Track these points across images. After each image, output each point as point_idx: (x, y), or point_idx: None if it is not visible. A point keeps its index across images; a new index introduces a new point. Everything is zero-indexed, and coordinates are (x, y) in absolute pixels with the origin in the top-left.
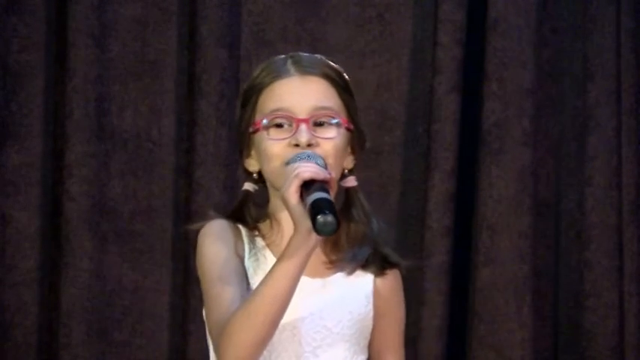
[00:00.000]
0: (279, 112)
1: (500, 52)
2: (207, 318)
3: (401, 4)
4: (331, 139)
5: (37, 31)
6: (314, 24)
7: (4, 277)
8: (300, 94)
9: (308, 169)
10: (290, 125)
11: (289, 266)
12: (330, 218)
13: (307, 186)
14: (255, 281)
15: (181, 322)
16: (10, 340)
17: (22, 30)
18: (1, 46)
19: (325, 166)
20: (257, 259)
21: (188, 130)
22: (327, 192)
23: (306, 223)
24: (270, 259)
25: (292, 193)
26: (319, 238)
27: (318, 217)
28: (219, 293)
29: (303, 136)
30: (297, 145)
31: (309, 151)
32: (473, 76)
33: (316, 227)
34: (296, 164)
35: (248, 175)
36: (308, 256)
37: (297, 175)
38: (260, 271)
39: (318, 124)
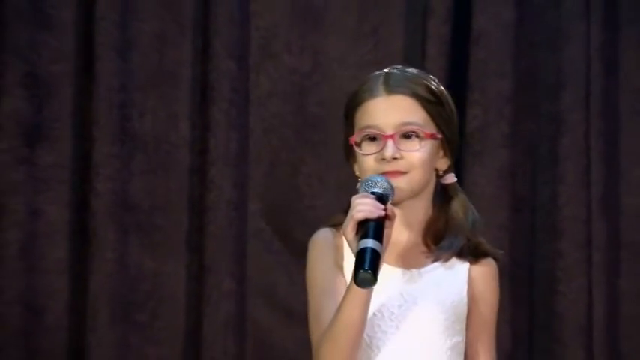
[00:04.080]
0: (369, 130)
1: (481, 64)
2: (310, 325)
3: (393, 20)
4: (415, 152)
5: (66, 45)
6: (315, 38)
7: (37, 265)
8: (386, 112)
9: (362, 211)
10: (380, 140)
11: (358, 296)
12: (368, 276)
13: (362, 223)
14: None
15: (196, 306)
16: (43, 322)
17: (53, 44)
18: (35, 58)
19: (391, 190)
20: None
21: (201, 134)
22: (380, 230)
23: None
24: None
25: (349, 232)
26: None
27: (360, 271)
28: (318, 313)
29: (389, 151)
30: (383, 159)
31: (377, 176)
32: (457, 85)
33: (356, 280)
34: (356, 197)
35: (357, 178)
36: (369, 290)
37: (352, 216)
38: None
39: (405, 137)
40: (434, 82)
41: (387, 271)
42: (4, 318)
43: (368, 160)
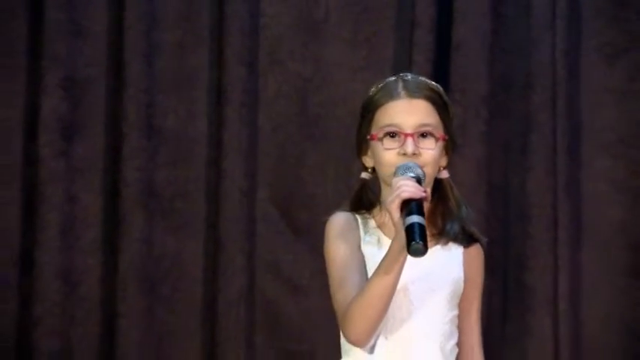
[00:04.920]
0: (391, 128)
1: (461, 69)
2: (333, 300)
3: (384, 31)
4: (430, 150)
5: (99, 52)
6: (316, 46)
7: (73, 244)
8: (407, 113)
9: (408, 190)
10: (399, 137)
11: (390, 273)
12: (420, 246)
13: (406, 202)
14: (371, 261)
15: (212, 280)
16: (78, 295)
17: (87, 50)
18: (71, 62)
19: (423, 175)
20: (371, 240)
21: (216, 130)
22: (422, 208)
23: (403, 238)
24: (381, 237)
25: (395, 209)
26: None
27: (412, 243)
28: (342, 283)
29: (409, 147)
30: (404, 154)
31: (410, 162)
32: (441, 87)
33: (409, 250)
34: (400, 179)
35: (364, 168)
36: (403, 262)
37: (398, 195)
38: (375, 249)
39: (423, 136)
40: (442, 90)
41: None
42: (45, 291)
43: (389, 153)
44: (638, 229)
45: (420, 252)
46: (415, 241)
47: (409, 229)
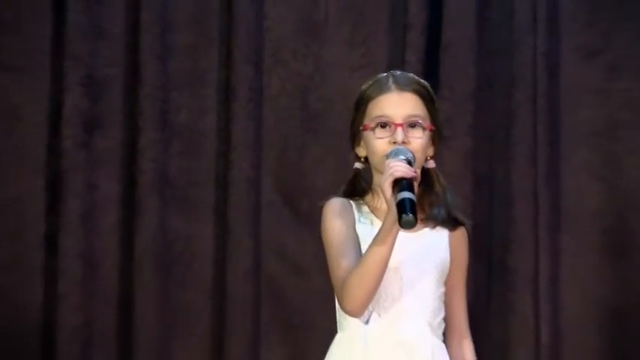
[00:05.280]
0: (383, 118)
1: (449, 68)
2: (331, 274)
3: (379, 33)
4: (419, 138)
5: (117, 53)
6: (316, 47)
7: (93, 228)
8: (397, 105)
9: (400, 170)
10: (390, 127)
11: (384, 244)
12: (410, 218)
13: (398, 181)
14: (365, 238)
15: (221, 261)
16: (98, 274)
17: (106, 51)
18: (91, 62)
19: (413, 158)
20: (364, 223)
21: (225, 124)
22: (412, 186)
23: (395, 213)
24: (374, 220)
25: (387, 187)
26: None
27: (403, 215)
28: (339, 259)
29: (399, 136)
30: (394, 142)
31: (401, 147)
32: (431, 84)
33: (400, 223)
34: (392, 160)
35: (357, 158)
36: (396, 234)
37: (391, 174)
38: (367, 231)
39: (411, 126)
40: (429, 86)
41: None
42: (67, 271)
43: (381, 142)
44: (612, 215)
45: (411, 224)
46: (406, 214)
47: (400, 204)
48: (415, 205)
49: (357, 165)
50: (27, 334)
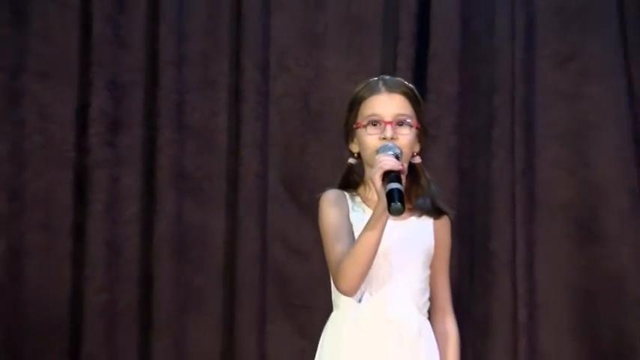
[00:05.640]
0: (373, 116)
1: (436, 74)
2: (327, 258)
3: (373, 42)
4: (406, 135)
5: (137, 60)
6: (317, 54)
7: (116, 218)
8: (386, 105)
9: (388, 163)
10: (380, 125)
11: (375, 229)
12: (399, 206)
13: (387, 174)
14: (358, 225)
15: (231, 247)
16: (121, 259)
17: (128, 59)
18: (115, 69)
19: (401, 153)
20: (357, 211)
21: (235, 125)
22: (400, 178)
23: (385, 202)
24: (366, 209)
25: (377, 179)
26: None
27: (392, 204)
28: (334, 244)
29: (388, 132)
30: (384, 138)
31: (390, 143)
32: (419, 89)
33: (390, 210)
34: (381, 156)
35: (351, 154)
36: (385, 220)
37: (381, 167)
38: (360, 219)
39: (399, 124)
40: (415, 89)
41: None
42: (93, 255)
43: (372, 138)
44: (581, 206)
45: (399, 211)
46: (394, 202)
47: (389, 194)
48: (403, 195)
49: (351, 160)
50: (57, 313)
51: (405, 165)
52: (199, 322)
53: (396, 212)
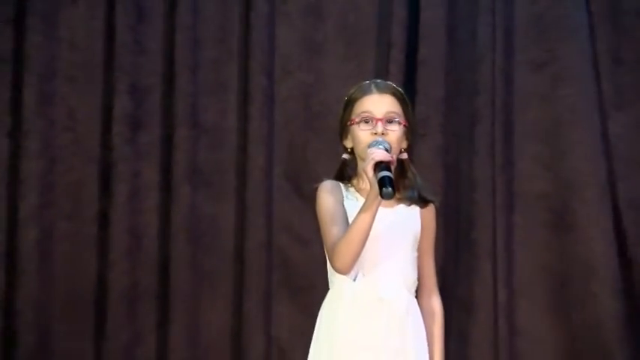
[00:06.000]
0: (366, 114)
1: (424, 78)
2: (324, 240)
3: (368, 49)
4: (395, 131)
5: (156, 65)
6: (317, 60)
7: (136, 208)
8: (377, 103)
9: (379, 155)
10: (372, 122)
11: (367, 212)
12: (389, 191)
13: (378, 164)
14: (351, 212)
15: (240, 235)
16: (141, 245)
17: (147, 64)
18: (135, 74)
19: (390, 148)
20: (351, 200)
21: (243, 124)
22: (390, 168)
23: (377, 188)
24: (359, 197)
25: (369, 169)
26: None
27: (383, 189)
28: (330, 227)
29: (379, 128)
30: (375, 134)
31: (381, 138)
32: (409, 91)
33: (381, 194)
34: (373, 149)
35: (345, 149)
36: (377, 205)
37: (372, 158)
38: (353, 207)
39: (389, 122)
40: (403, 91)
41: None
42: (117, 242)
43: (364, 133)
44: (555, 197)
45: (390, 195)
46: (386, 188)
47: (381, 180)
48: (393, 181)
49: (345, 156)
50: (83, 294)
51: (395, 157)
52: (211, 303)
53: (387, 196)
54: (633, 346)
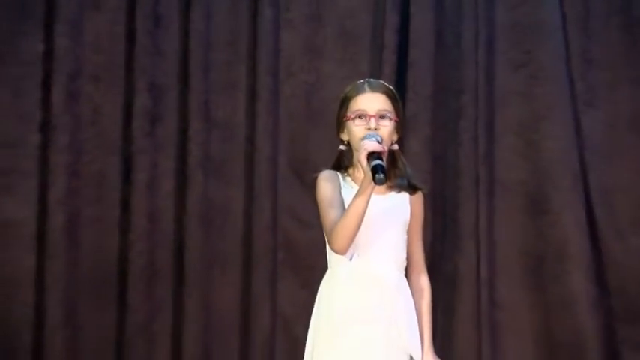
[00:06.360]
0: (360, 111)
1: (414, 77)
2: (323, 224)
3: (362, 52)
4: (386, 127)
5: (172, 67)
6: (318, 62)
7: (155, 194)
8: (371, 101)
9: (371, 146)
10: (366, 118)
11: (362, 199)
12: (382, 177)
13: (371, 154)
14: (348, 198)
15: (248, 218)
16: (158, 227)
17: (164, 65)
18: (153, 73)
19: (381, 141)
20: (347, 187)
21: (251, 120)
22: (382, 158)
23: (370, 176)
24: (355, 186)
25: (363, 158)
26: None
27: (376, 175)
28: (329, 211)
29: (372, 124)
30: (369, 129)
31: (373, 132)
32: (401, 89)
33: (374, 180)
34: (366, 141)
35: (341, 142)
36: (371, 191)
37: (366, 149)
38: (349, 194)
39: (381, 117)
40: (394, 89)
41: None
42: (136, 224)
43: (359, 129)
44: (533, 185)
45: (382, 181)
46: (378, 174)
47: (374, 168)
48: (385, 169)
49: (341, 147)
50: (106, 272)
51: (386, 148)
52: (222, 279)
53: (379, 182)
54: (602, 320)
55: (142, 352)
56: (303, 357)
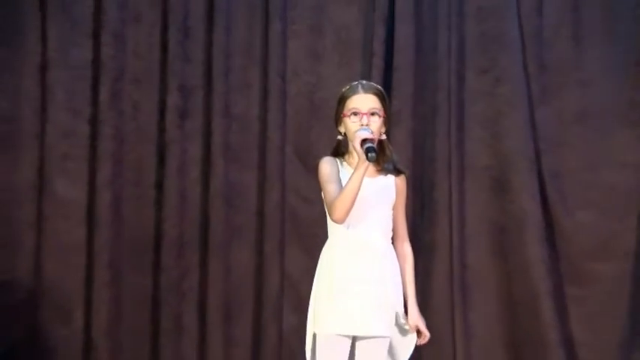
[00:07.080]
0: (354, 109)
1: (398, 79)
2: (324, 199)
3: (355, 58)
4: (376, 122)
5: (198, 71)
6: (316, 66)
7: (184, 176)
8: (363, 101)
9: (364, 134)
10: (358, 115)
11: (357, 175)
12: (373, 155)
13: (364, 141)
14: (344, 179)
15: (260, 198)
16: (187, 203)
17: (191, 70)
18: (183, 76)
19: (372, 133)
20: (343, 171)
21: (264, 114)
22: (373, 143)
23: (364, 156)
24: (350, 170)
25: (357, 144)
26: (370, 162)
27: (369, 154)
28: (330, 186)
29: (364, 120)
30: (362, 125)
31: (365, 127)
32: (387, 89)
33: (367, 158)
34: (360, 131)
35: (339, 133)
36: (366, 168)
37: (359, 136)
38: (347, 175)
39: (372, 114)
40: (383, 90)
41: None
42: (169, 203)
43: (353, 124)
44: (496, 168)
45: (373, 158)
46: (370, 153)
47: (367, 149)
48: (375, 149)
49: (339, 137)
50: (145, 240)
51: (376, 137)
52: (239, 247)
53: (372, 159)
54: (553, 281)
55: (173, 306)
56: (307, 311)
